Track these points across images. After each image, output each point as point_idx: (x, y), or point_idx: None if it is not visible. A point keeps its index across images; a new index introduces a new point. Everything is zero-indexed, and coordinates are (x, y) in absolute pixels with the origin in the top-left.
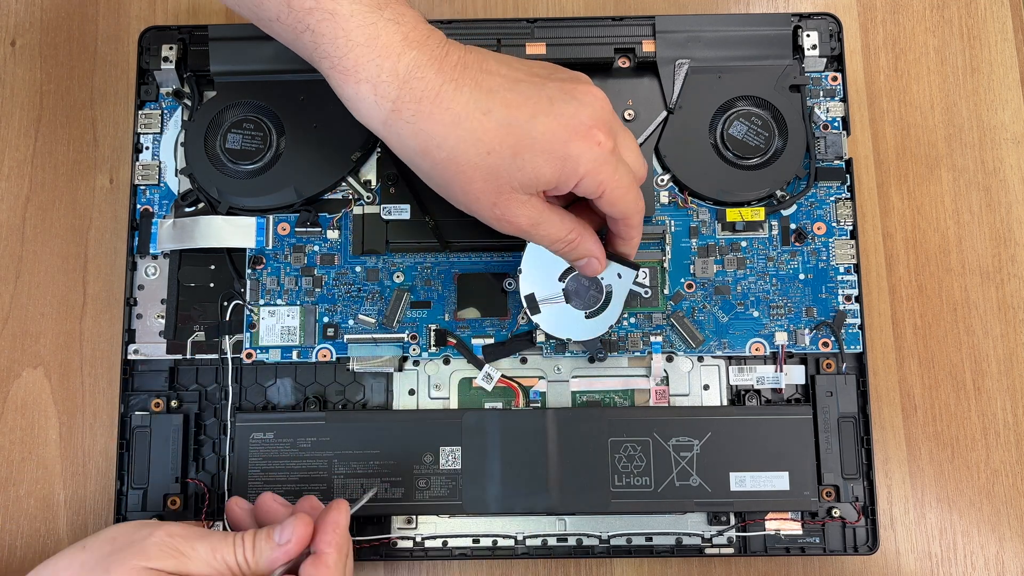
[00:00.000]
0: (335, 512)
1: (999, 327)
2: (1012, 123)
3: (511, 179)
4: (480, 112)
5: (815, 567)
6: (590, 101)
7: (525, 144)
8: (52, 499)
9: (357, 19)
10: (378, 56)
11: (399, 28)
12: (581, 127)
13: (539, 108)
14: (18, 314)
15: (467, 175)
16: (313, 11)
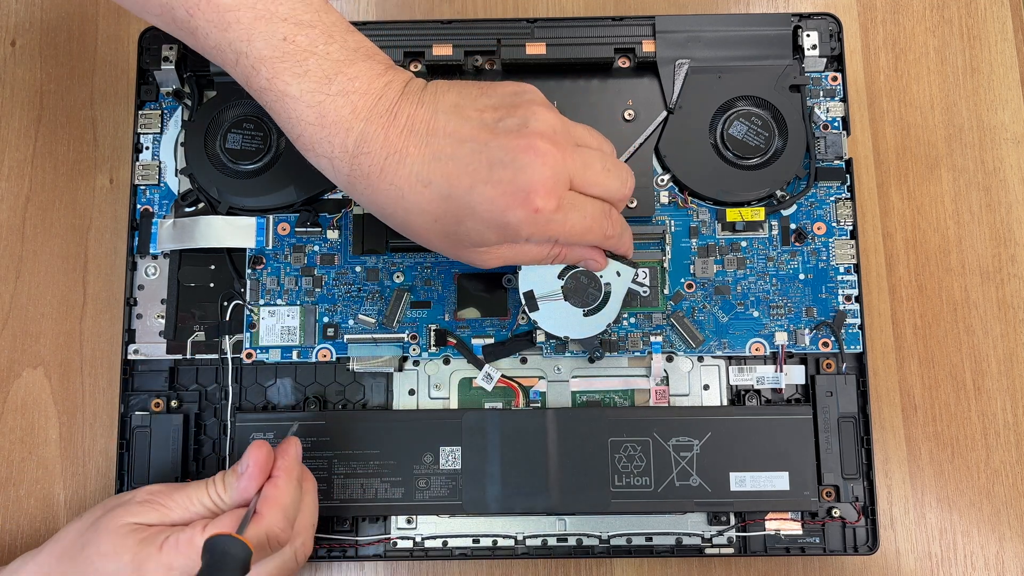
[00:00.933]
0: (285, 442)
1: (999, 327)
2: (1012, 123)
3: (464, 241)
4: (421, 185)
5: (815, 567)
6: (531, 161)
7: (466, 213)
8: (52, 499)
9: (306, 99)
10: (329, 134)
11: (348, 100)
12: (519, 194)
13: (478, 176)
14: (18, 314)
15: (424, 239)
16: (267, 91)
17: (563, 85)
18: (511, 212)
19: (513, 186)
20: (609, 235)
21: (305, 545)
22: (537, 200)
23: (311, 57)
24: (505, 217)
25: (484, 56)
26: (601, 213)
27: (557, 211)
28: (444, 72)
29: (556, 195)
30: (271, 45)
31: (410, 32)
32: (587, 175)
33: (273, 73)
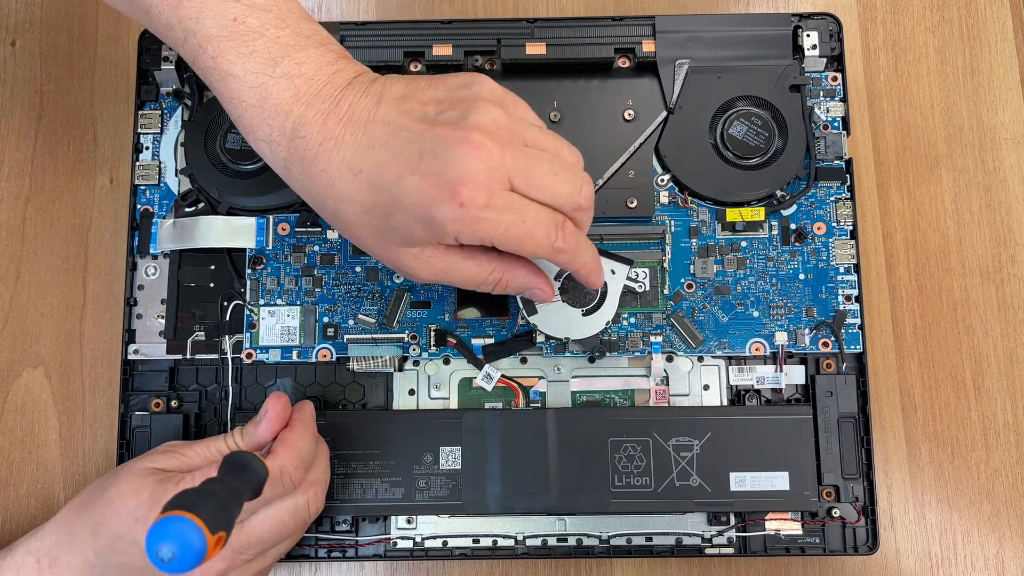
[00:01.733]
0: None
1: (999, 327)
2: (1012, 123)
3: (392, 236)
4: (352, 173)
5: (815, 567)
6: (464, 154)
7: (394, 206)
8: (52, 499)
9: (249, 79)
10: (268, 116)
11: (291, 84)
12: (446, 187)
13: (407, 167)
14: (18, 314)
15: (354, 232)
16: (212, 71)
17: (563, 85)
18: (437, 205)
19: (441, 178)
20: (558, 248)
21: (317, 498)
22: (465, 193)
23: (259, 39)
24: (430, 211)
25: (484, 56)
26: (547, 220)
27: (487, 208)
28: (444, 72)
29: (487, 190)
30: (220, 24)
31: (410, 32)
32: (530, 176)
33: (218, 52)
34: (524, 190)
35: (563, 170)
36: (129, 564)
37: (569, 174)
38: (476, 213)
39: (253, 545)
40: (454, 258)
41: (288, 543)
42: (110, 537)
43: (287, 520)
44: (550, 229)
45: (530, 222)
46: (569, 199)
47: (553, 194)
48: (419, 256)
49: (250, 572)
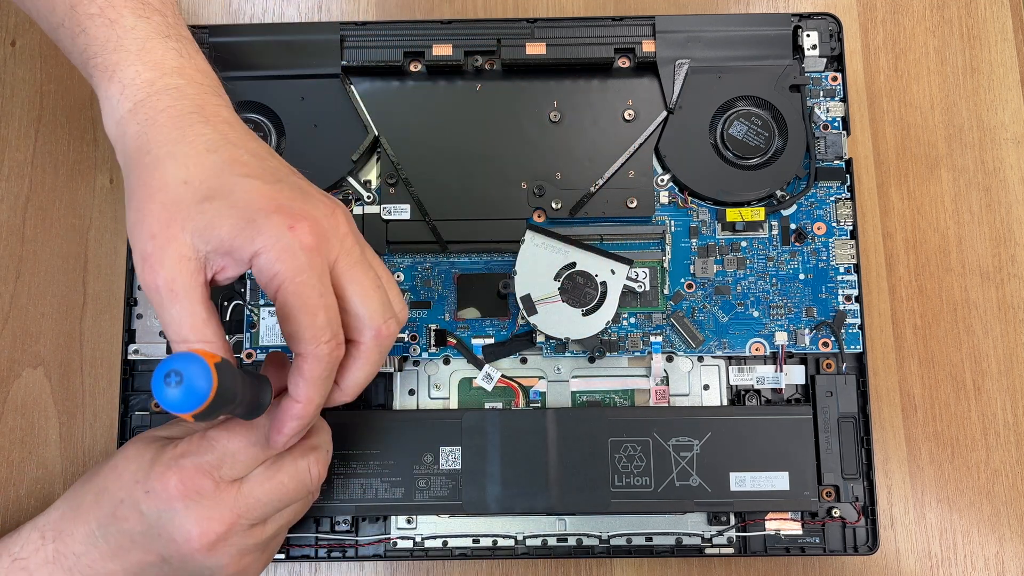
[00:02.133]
0: None
1: (999, 327)
2: (1012, 123)
3: (187, 218)
4: (206, 148)
5: (815, 567)
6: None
7: (224, 193)
8: (52, 499)
9: (136, 32)
10: (142, 64)
11: (179, 58)
12: (288, 208)
13: (262, 176)
14: (18, 314)
15: (152, 191)
16: (95, 16)
17: (563, 85)
18: (267, 215)
19: (288, 202)
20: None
21: (319, 463)
22: (302, 224)
23: (157, 15)
24: (257, 215)
25: (484, 56)
26: (334, 320)
27: (306, 251)
28: (444, 72)
29: (318, 239)
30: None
31: (410, 32)
32: (355, 268)
33: (109, 3)
34: (343, 278)
35: (384, 293)
36: (129, 530)
37: (387, 300)
38: (295, 246)
39: (252, 507)
40: (198, 291)
41: (290, 513)
42: (111, 503)
43: (287, 482)
44: (329, 327)
45: (323, 302)
46: (376, 315)
47: (364, 299)
48: (181, 259)
49: (252, 540)
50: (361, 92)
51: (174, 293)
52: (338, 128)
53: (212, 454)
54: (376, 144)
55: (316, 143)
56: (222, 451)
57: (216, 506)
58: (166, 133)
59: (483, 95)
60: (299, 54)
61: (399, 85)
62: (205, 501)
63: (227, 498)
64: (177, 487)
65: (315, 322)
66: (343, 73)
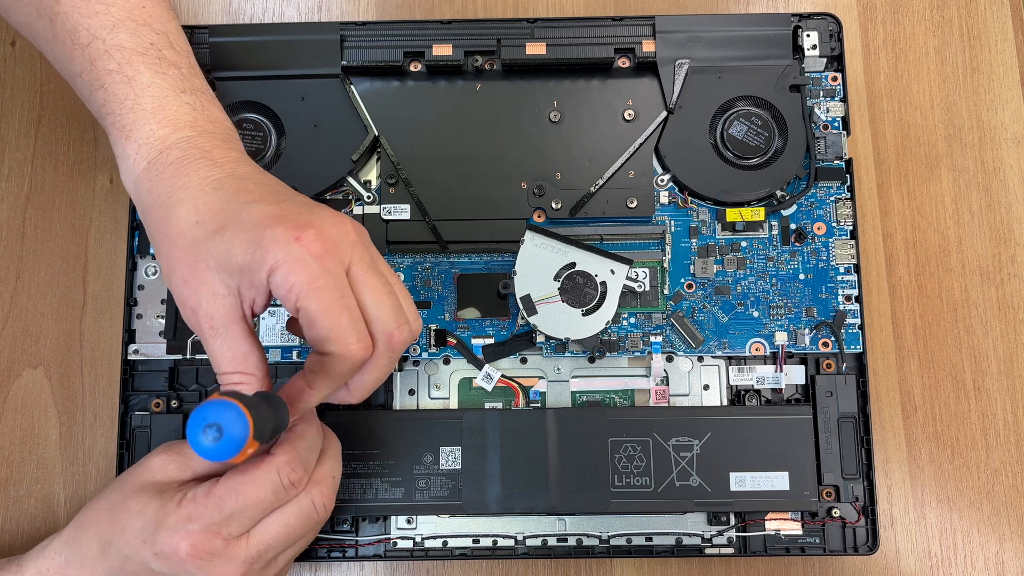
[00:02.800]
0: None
1: (999, 327)
2: (1012, 123)
3: (208, 256)
4: (211, 187)
5: (815, 567)
6: (325, 216)
7: (232, 222)
8: (52, 499)
9: (152, 90)
10: (157, 123)
11: (192, 112)
12: (291, 221)
13: (267, 198)
14: (18, 314)
15: (173, 240)
16: (113, 73)
17: (563, 85)
18: (273, 230)
19: (293, 215)
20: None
21: (324, 495)
22: (307, 233)
23: (172, 69)
24: (264, 232)
25: (484, 56)
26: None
27: (317, 258)
28: (444, 72)
29: (325, 247)
30: (136, 41)
31: (410, 32)
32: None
33: (128, 60)
34: (357, 282)
35: (396, 299)
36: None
37: (399, 305)
38: (305, 255)
39: (263, 553)
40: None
41: (300, 545)
42: (119, 558)
43: (294, 523)
44: (354, 328)
45: (344, 304)
46: (390, 319)
47: (377, 303)
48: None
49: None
50: (361, 92)
51: (214, 330)
52: (338, 128)
53: (220, 515)
54: (376, 144)
55: (316, 143)
56: (230, 511)
57: (228, 561)
58: (175, 181)
59: (483, 95)
60: (299, 54)
61: (399, 85)
62: (217, 559)
63: (238, 551)
64: (188, 551)
65: (340, 323)
66: (343, 73)
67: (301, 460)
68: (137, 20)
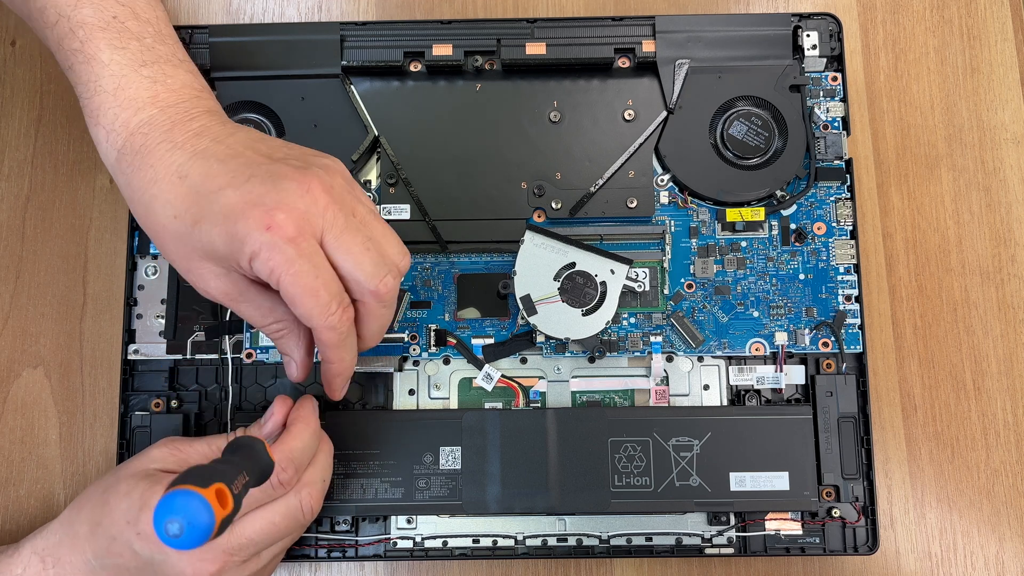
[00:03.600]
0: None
1: (999, 327)
2: (1012, 123)
3: (194, 246)
4: (177, 176)
5: (815, 567)
6: (292, 187)
7: (205, 213)
8: (52, 499)
9: (112, 68)
10: (118, 106)
11: (153, 86)
12: (261, 206)
13: (233, 182)
14: (18, 314)
15: (160, 235)
16: (77, 52)
17: (563, 85)
18: (244, 220)
19: (260, 199)
20: (330, 324)
21: (312, 497)
22: (277, 216)
23: (134, 41)
24: (236, 224)
25: (484, 56)
26: (336, 291)
27: (290, 243)
28: (444, 72)
29: (297, 225)
30: (98, 16)
31: (410, 32)
32: (342, 237)
33: (89, 37)
34: (331, 249)
35: (376, 250)
36: (124, 565)
37: (380, 257)
38: (278, 241)
39: (245, 547)
40: (251, 290)
41: (285, 543)
42: (106, 538)
43: (279, 522)
44: (333, 300)
45: (321, 281)
46: (370, 278)
47: (356, 265)
48: (219, 275)
49: (246, 572)
50: (361, 92)
51: (232, 300)
52: (338, 128)
53: None
54: (376, 144)
55: (316, 143)
56: None
57: (209, 547)
58: (143, 175)
59: (483, 95)
60: (299, 54)
61: (399, 85)
62: None
63: (219, 540)
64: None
65: (319, 301)
66: (343, 73)
67: (293, 461)
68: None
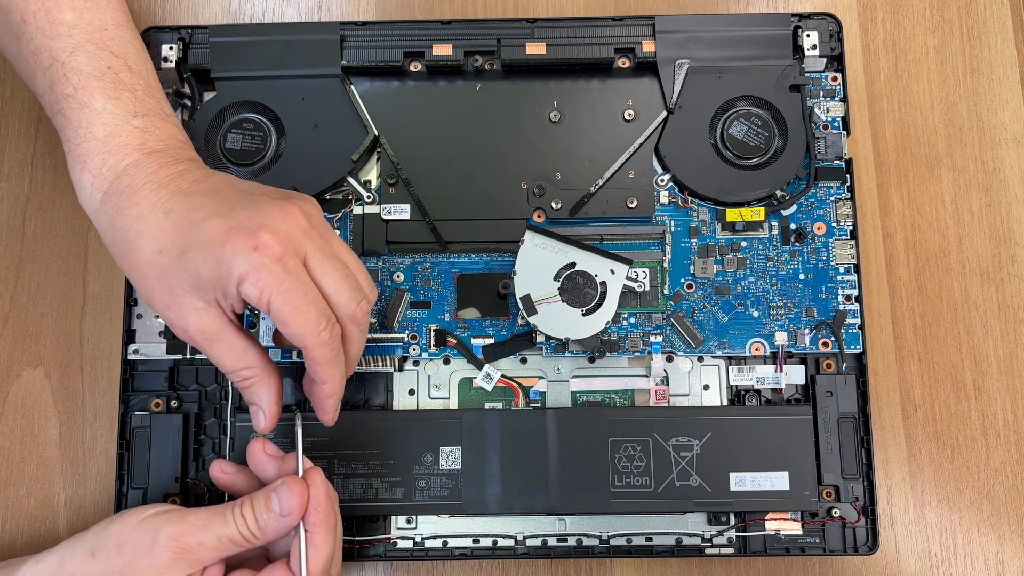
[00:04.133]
0: (313, 488)
1: (999, 327)
2: (1012, 123)
3: (180, 279)
4: (162, 212)
5: (815, 567)
6: (274, 212)
7: (191, 243)
8: (52, 499)
9: (104, 117)
10: (108, 152)
11: (142, 135)
12: (245, 229)
13: (217, 211)
14: (18, 314)
15: (143, 271)
16: (69, 98)
17: (563, 85)
18: (231, 243)
19: (246, 222)
20: (323, 340)
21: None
22: (262, 236)
23: (126, 93)
24: (224, 247)
25: (484, 56)
26: (324, 309)
27: (277, 262)
28: (444, 72)
29: (283, 245)
30: (93, 65)
31: (410, 32)
32: (324, 261)
33: (83, 84)
34: (314, 271)
35: (352, 278)
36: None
37: (356, 284)
38: (267, 261)
39: None
40: (227, 330)
41: None
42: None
43: None
44: (323, 318)
45: (310, 300)
46: (348, 301)
47: (337, 288)
48: (200, 311)
49: None
50: (361, 92)
51: (208, 339)
52: (338, 128)
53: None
54: (376, 144)
55: (316, 143)
56: None
57: None
58: (128, 213)
59: (483, 95)
60: (299, 54)
61: (399, 85)
62: None
63: None
64: None
65: (310, 319)
66: (343, 73)
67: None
68: (98, 43)
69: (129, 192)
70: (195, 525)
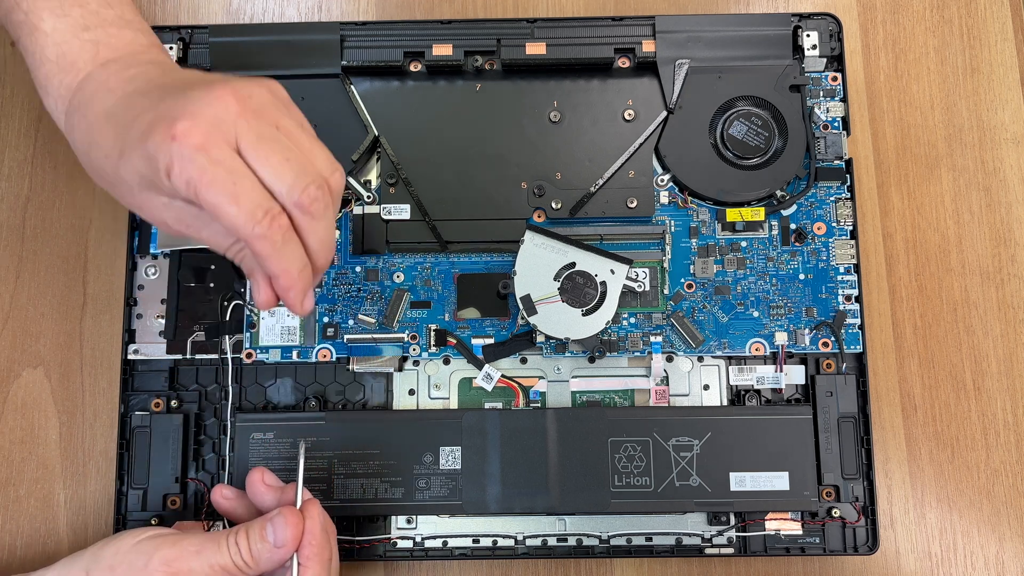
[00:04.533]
0: (309, 521)
1: (999, 327)
2: (1012, 123)
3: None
4: (104, 117)
5: (815, 567)
6: (200, 97)
7: (127, 145)
8: (52, 499)
9: (55, 36)
10: (62, 72)
11: (95, 47)
12: (165, 120)
13: (149, 107)
14: (18, 314)
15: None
16: (22, 24)
17: (563, 85)
18: (152, 136)
19: (167, 113)
20: (259, 233)
21: None
22: (179, 125)
23: (77, 8)
24: (147, 143)
25: (484, 56)
26: (259, 198)
27: (200, 151)
28: (444, 72)
29: (205, 133)
30: None
31: (410, 32)
32: (260, 145)
33: (32, 7)
34: (248, 159)
35: (297, 160)
36: None
37: (302, 167)
38: (187, 152)
39: None
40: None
41: None
42: None
43: None
44: (259, 207)
45: (240, 188)
46: (290, 188)
47: (275, 175)
48: (167, 205)
49: None
50: (361, 92)
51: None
52: (338, 128)
53: None
54: (376, 144)
55: None
56: None
57: None
58: (82, 127)
59: (483, 95)
60: (299, 54)
61: (399, 85)
62: None
63: None
64: None
65: (241, 208)
66: (343, 73)
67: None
68: None
69: (81, 106)
70: (188, 551)
